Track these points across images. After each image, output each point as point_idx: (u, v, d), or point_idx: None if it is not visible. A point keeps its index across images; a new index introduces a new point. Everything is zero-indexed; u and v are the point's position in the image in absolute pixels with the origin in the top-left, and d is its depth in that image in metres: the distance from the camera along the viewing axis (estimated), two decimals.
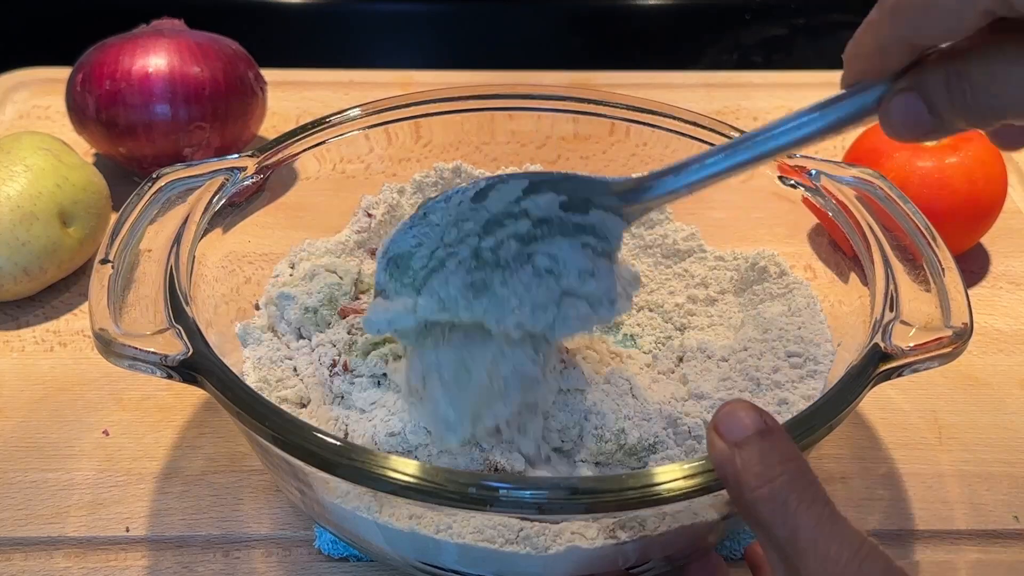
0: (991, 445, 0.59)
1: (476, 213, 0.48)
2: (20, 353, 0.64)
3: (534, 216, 0.47)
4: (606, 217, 0.47)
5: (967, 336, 0.48)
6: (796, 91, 0.89)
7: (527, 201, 0.47)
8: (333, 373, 0.53)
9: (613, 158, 0.66)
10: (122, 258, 0.51)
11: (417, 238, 0.48)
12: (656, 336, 0.59)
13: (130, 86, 0.71)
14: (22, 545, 0.53)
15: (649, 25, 1.08)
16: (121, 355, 0.46)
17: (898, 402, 0.61)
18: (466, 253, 0.47)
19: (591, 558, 0.46)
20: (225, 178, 0.56)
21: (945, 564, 0.53)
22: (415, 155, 0.65)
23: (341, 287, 0.57)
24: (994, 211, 0.69)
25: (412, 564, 0.49)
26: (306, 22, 1.07)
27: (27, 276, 0.64)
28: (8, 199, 0.64)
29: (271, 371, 0.55)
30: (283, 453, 0.44)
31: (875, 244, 0.53)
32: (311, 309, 0.56)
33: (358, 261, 0.61)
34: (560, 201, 0.47)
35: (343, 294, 0.57)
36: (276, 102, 0.83)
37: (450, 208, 0.48)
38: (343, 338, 0.55)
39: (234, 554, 0.53)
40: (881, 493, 0.56)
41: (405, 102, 0.63)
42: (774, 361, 0.55)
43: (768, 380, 0.54)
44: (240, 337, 0.56)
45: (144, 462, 0.57)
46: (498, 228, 0.47)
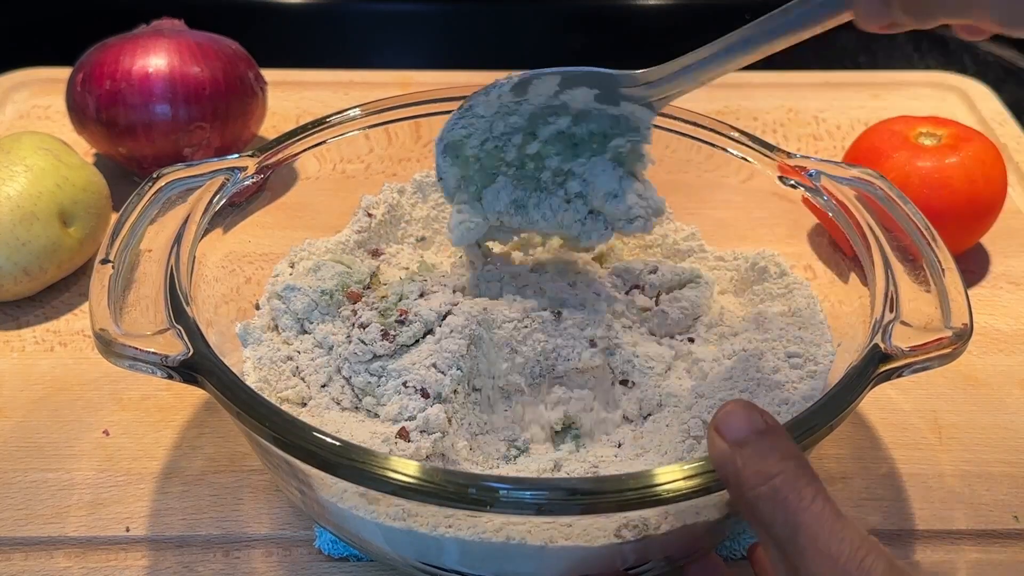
0: (991, 445, 0.59)
1: (519, 106, 0.54)
2: (20, 353, 0.64)
3: (573, 109, 0.54)
4: (635, 108, 0.53)
5: (967, 336, 0.48)
6: (796, 91, 0.89)
7: (564, 95, 0.53)
8: (384, 336, 0.53)
9: None
10: (122, 258, 0.51)
11: (466, 128, 0.55)
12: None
13: (130, 86, 0.71)
14: (22, 545, 0.53)
15: (649, 25, 1.08)
16: (121, 355, 0.46)
17: (898, 402, 0.61)
18: (512, 155, 0.55)
19: (590, 557, 0.46)
20: (225, 178, 0.56)
21: (945, 564, 0.53)
22: (415, 155, 0.65)
23: (351, 275, 0.57)
24: (994, 211, 0.69)
25: (412, 564, 0.49)
26: (306, 22, 1.07)
27: (27, 276, 0.64)
28: (8, 199, 0.64)
29: (271, 371, 0.55)
30: (283, 453, 0.44)
31: (875, 244, 0.53)
32: (327, 292, 0.56)
33: (360, 260, 0.61)
34: (594, 94, 0.53)
35: (355, 282, 0.57)
36: (276, 102, 0.83)
37: (491, 100, 0.53)
38: (368, 314, 0.55)
39: (234, 554, 0.53)
40: (881, 493, 0.56)
41: (405, 102, 0.63)
42: (774, 361, 0.55)
43: (768, 380, 0.54)
44: (240, 337, 0.56)
45: (144, 462, 0.57)
46: (542, 124, 0.54)
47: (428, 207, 0.65)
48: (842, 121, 0.86)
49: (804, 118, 0.86)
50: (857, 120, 0.85)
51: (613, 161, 0.55)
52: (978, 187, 0.67)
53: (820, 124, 0.85)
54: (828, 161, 0.59)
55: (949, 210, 0.66)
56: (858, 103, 0.88)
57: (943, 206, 0.65)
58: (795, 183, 0.59)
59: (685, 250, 0.64)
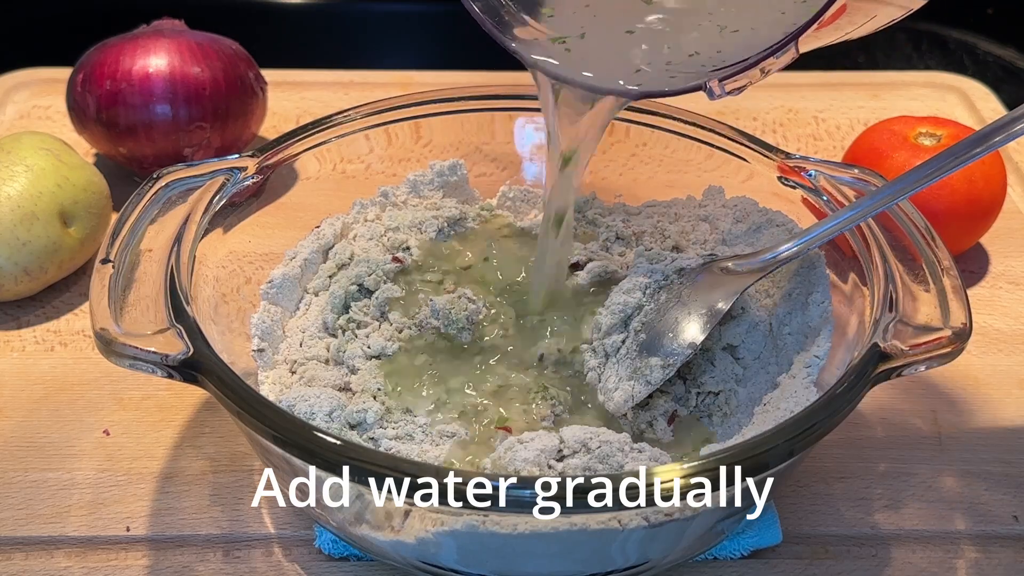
0: (991, 445, 0.59)
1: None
2: (20, 353, 0.64)
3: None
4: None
5: (966, 336, 0.48)
6: (796, 91, 0.89)
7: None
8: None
9: (613, 158, 0.66)
10: (123, 258, 0.51)
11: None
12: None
13: (130, 86, 0.71)
14: (23, 545, 0.53)
15: None
16: (122, 355, 0.46)
17: (898, 402, 0.61)
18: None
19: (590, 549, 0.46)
20: (226, 178, 0.56)
21: (945, 564, 0.53)
22: (415, 155, 0.66)
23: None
24: (993, 211, 0.69)
25: (412, 564, 0.49)
26: (306, 22, 1.07)
27: (27, 276, 0.64)
28: (8, 199, 0.64)
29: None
30: (283, 452, 0.44)
31: (875, 244, 0.53)
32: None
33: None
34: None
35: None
36: (276, 102, 0.83)
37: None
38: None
39: (234, 554, 0.53)
40: (881, 493, 0.56)
41: (405, 102, 0.63)
42: (774, 361, 0.55)
43: (768, 380, 0.54)
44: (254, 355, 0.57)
45: (144, 462, 0.57)
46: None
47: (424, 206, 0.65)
48: (842, 121, 0.86)
49: (804, 118, 0.86)
50: (857, 120, 0.86)
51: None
52: (978, 187, 0.67)
53: (820, 124, 0.86)
54: (827, 161, 0.59)
55: (949, 210, 0.66)
56: (858, 103, 0.88)
57: (943, 206, 0.65)
58: (794, 183, 0.59)
59: (685, 249, 0.64)
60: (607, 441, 0.48)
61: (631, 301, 0.55)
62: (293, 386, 0.55)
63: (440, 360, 0.56)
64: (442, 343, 0.56)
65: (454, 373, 0.55)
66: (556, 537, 0.44)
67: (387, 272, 0.59)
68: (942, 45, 1.03)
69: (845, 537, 0.54)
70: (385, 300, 0.58)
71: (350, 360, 0.56)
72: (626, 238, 0.63)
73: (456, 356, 0.56)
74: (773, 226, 0.60)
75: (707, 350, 0.55)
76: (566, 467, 0.47)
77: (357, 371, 0.55)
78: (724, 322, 0.56)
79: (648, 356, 0.53)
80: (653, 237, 0.62)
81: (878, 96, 0.89)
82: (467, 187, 0.67)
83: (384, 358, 0.56)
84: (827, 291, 0.56)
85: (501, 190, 0.67)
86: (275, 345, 0.58)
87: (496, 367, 0.55)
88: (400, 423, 0.52)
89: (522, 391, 0.54)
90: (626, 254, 0.62)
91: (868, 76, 0.92)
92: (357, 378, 0.55)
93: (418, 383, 0.55)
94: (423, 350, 0.56)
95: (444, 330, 0.56)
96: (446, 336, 0.56)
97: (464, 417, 0.53)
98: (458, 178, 0.66)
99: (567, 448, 0.48)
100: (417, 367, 0.56)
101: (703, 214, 0.63)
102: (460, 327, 0.56)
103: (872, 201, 0.51)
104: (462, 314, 0.56)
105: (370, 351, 0.56)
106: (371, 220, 0.64)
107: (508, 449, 0.49)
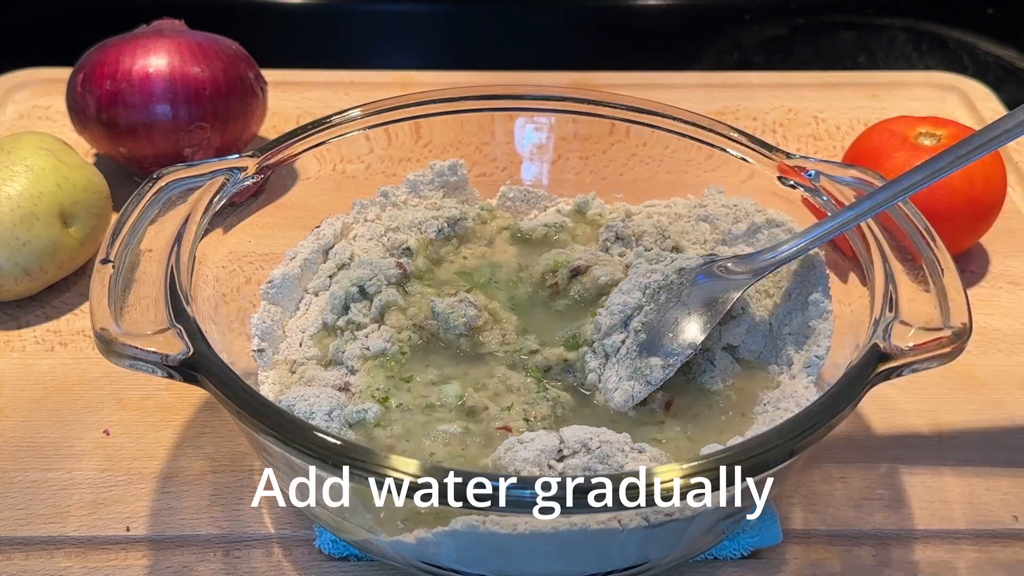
0: (991, 445, 0.59)
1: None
2: (20, 353, 0.64)
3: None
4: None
5: (966, 336, 0.48)
6: (796, 91, 0.89)
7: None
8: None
9: (613, 158, 0.66)
10: (123, 258, 0.51)
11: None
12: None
13: (130, 86, 0.71)
14: (23, 544, 0.53)
15: (649, 25, 1.08)
16: (122, 355, 0.46)
17: (898, 402, 0.61)
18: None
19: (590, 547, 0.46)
20: (226, 178, 0.56)
21: (945, 564, 0.53)
22: (415, 155, 0.66)
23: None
24: (993, 211, 0.69)
25: (412, 564, 0.49)
26: (306, 22, 1.07)
27: (28, 276, 0.64)
28: (9, 199, 0.64)
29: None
30: (283, 452, 0.44)
31: (874, 244, 0.53)
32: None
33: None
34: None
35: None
36: (276, 102, 0.83)
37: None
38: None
39: (234, 554, 0.53)
40: (881, 493, 0.56)
41: (405, 102, 0.63)
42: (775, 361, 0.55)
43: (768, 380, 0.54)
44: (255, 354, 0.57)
45: (144, 462, 0.57)
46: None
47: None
48: (842, 121, 0.86)
49: (804, 118, 0.86)
50: (857, 120, 0.86)
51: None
52: (978, 187, 0.67)
53: (819, 124, 0.86)
54: (827, 161, 0.59)
55: (949, 210, 0.66)
56: (858, 103, 0.88)
57: (943, 206, 0.65)
58: (794, 183, 0.59)
59: (685, 248, 0.64)
60: (607, 441, 0.48)
61: (631, 301, 0.55)
62: (293, 386, 0.55)
63: (440, 361, 0.56)
64: (441, 345, 0.56)
65: (454, 374, 0.55)
66: (556, 537, 0.44)
67: (389, 277, 0.59)
68: (942, 45, 1.03)
69: (845, 537, 0.54)
70: (385, 302, 0.58)
71: (350, 360, 0.56)
72: (626, 238, 0.63)
73: (456, 357, 0.56)
74: (773, 226, 0.60)
75: (707, 350, 0.55)
76: (566, 467, 0.47)
77: (356, 371, 0.55)
78: (724, 322, 0.56)
79: (648, 356, 0.53)
80: (653, 237, 0.62)
81: (878, 96, 0.89)
82: (467, 187, 0.67)
83: (384, 359, 0.56)
84: (827, 291, 0.56)
85: (501, 190, 0.67)
86: (275, 345, 0.58)
87: (496, 368, 0.55)
88: (399, 423, 0.52)
89: (522, 391, 0.54)
90: (626, 254, 0.62)
91: (868, 76, 0.92)
92: (357, 378, 0.55)
93: (418, 383, 0.55)
94: (423, 351, 0.56)
95: (443, 334, 0.56)
96: (445, 339, 0.56)
97: (464, 417, 0.53)
98: (458, 178, 0.66)
99: (567, 448, 0.48)
100: (417, 368, 0.56)
101: (703, 214, 0.63)
102: (459, 332, 0.56)
103: (872, 201, 0.51)
104: (461, 320, 0.56)
105: (369, 352, 0.56)
106: (371, 220, 0.64)
107: (508, 449, 0.49)
